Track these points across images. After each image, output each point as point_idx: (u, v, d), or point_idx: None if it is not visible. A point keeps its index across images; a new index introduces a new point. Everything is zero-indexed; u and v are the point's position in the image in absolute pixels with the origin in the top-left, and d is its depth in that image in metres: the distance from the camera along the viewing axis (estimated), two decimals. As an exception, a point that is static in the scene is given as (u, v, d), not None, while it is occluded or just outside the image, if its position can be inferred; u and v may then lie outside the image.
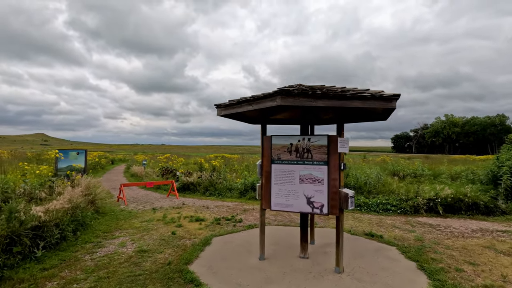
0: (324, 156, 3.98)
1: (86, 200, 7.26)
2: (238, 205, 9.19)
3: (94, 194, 7.84)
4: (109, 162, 36.10)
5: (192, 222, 6.84)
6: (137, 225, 6.61)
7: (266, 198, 4.33)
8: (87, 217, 6.45)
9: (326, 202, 3.95)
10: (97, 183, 8.19)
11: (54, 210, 4.88)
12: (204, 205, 9.19)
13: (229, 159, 25.85)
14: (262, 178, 4.37)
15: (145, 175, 17.40)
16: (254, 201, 9.83)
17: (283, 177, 4.19)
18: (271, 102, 3.32)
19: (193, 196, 11.33)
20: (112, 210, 8.36)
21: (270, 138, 4.33)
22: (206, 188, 11.69)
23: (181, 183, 12.60)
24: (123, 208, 8.73)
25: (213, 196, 11.00)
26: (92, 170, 22.57)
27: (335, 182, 3.93)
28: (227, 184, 11.65)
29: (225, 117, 4.50)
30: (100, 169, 26.67)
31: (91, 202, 7.64)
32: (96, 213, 7.57)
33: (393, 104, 3.34)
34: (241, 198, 10.43)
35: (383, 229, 6.27)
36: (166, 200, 10.40)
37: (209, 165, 13.87)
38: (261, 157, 4.39)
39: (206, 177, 12.14)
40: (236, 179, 12.84)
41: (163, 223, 6.73)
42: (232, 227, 6.40)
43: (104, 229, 6.19)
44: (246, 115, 4.90)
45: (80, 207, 6.32)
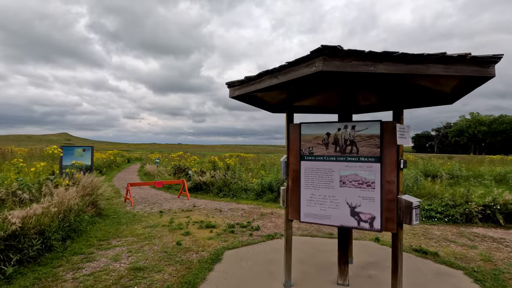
0: (376, 150, 2.88)
1: (85, 202, 6.49)
2: (255, 208, 8.19)
3: (96, 195, 7.06)
4: (125, 161, 36.13)
5: (201, 229, 5.89)
6: (139, 231, 5.73)
7: (293, 206, 3.28)
8: (83, 222, 5.64)
9: (378, 214, 2.86)
10: (99, 183, 7.42)
11: (34, 215, 4.05)
12: (217, 207, 8.25)
13: (244, 158, 24.92)
14: (288, 180, 3.33)
15: (157, 174, 16.76)
16: (273, 203, 8.79)
17: (317, 178, 3.13)
18: (307, 68, 2.27)
19: (205, 197, 10.44)
20: (116, 212, 7.57)
21: (299, 127, 3.27)
22: (219, 188, 10.77)
23: (193, 182, 11.76)
24: (128, 210, 7.94)
25: (227, 198, 10.05)
26: (106, 168, 22.29)
27: (391, 186, 2.83)
28: (242, 184, 10.69)
29: (240, 99, 3.49)
30: (115, 168, 26.47)
31: (91, 204, 6.87)
32: (98, 216, 6.79)
33: (490, 71, 2.22)
34: (257, 200, 9.42)
35: (435, 243, 5.07)
36: (176, 201, 9.55)
37: (223, 164, 12.96)
38: (287, 152, 3.35)
39: (219, 176, 11.22)
40: (252, 179, 11.84)
41: (169, 230, 5.82)
42: (248, 236, 5.39)
43: (101, 236, 5.35)
44: (265, 99, 3.87)
45: (74, 210, 5.52)
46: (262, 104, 4.04)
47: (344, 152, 3.03)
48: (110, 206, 8.58)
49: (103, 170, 20.56)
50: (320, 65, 2.14)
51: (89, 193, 7.05)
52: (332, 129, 3.09)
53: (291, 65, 2.39)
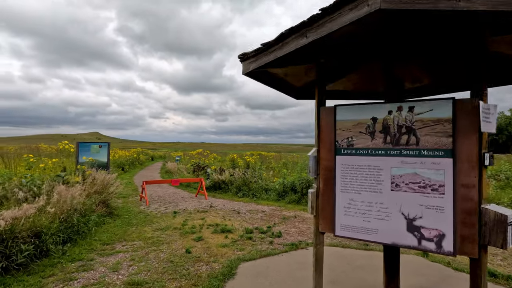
0: (446, 139, 2.04)
1: (94, 200, 6.09)
2: (276, 210, 7.44)
3: (107, 193, 6.66)
4: (149, 159, 36.74)
5: (216, 234, 5.25)
6: (148, 234, 5.20)
7: (326, 214, 2.51)
8: (89, 222, 5.20)
9: (449, 230, 2.02)
10: (111, 180, 7.03)
11: (24, 216, 3.58)
12: (235, 208, 7.60)
13: (265, 157, 24.20)
14: (318, 180, 2.55)
15: (177, 171, 16.50)
16: (296, 205, 7.99)
17: (359, 178, 2.34)
18: (353, 12, 1.49)
19: (224, 196, 9.85)
20: (129, 212, 7.16)
21: (334, 111, 2.49)
22: (239, 187, 10.14)
23: (212, 181, 11.23)
24: (142, 209, 7.51)
25: (246, 197, 9.39)
26: (129, 165, 22.50)
27: (470, 192, 1.98)
28: (262, 183, 9.98)
29: (257, 78, 2.77)
30: (139, 165, 26.81)
31: (102, 202, 6.48)
32: (109, 216, 6.39)
33: None
34: (279, 201, 8.67)
35: (502, 261, 4.06)
36: (193, 200, 9.04)
37: (243, 162, 12.33)
38: (317, 143, 2.58)
39: (239, 175, 10.59)
40: (273, 178, 11.10)
41: (180, 234, 5.24)
42: (268, 244, 4.67)
43: (106, 239, 4.86)
44: (289, 79, 3.13)
45: (79, 210, 5.09)
46: (284, 86, 3.29)
47: (397, 143, 2.21)
48: (125, 205, 8.22)
49: (125, 168, 20.72)
50: (377, 1, 1.36)
51: (99, 191, 6.67)
52: (381, 112, 2.28)
53: (329, 12, 1.62)
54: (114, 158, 20.81)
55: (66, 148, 6.47)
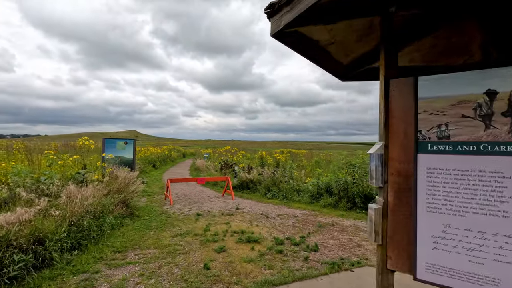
0: None
1: (113, 200, 5.68)
2: (309, 215, 6.56)
3: (127, 193, 6.25)
4: (181, 156, 37.39)
5: (241, 244, 4.53)
6: (166, 241, 4.63)
7: (399, 244, 1.64)
8: (104, 225, 4.76)
9: None
10: (132, 179, 6.62)
11: (17, 222, 3.12)
12: (264, 212, 6.85)
13: (296, 155, 23.18)
14: (385, 191, 1.68)
15: (205, 168, 16.17)
16: (332, 210, 7.04)
17: (463, 192, 1.44)
18: None
19: (251, 196, 9.15)
20: (151, 212, 6.71)
21: (414, 84, 1.60)
22: (267, 187, 9.37)
23: (239, 180, 10.59)
24: (165, 210, 7.04)
25: (276, 199, 8.60)
26: (160, 162, 22.76)
27: None
28: (294, 184, 9.11)
29: (289, 42, 1.97)
30: (170, 162, 27.19)
31: (121, 202, 6.07)
32: (129, 216, 5.96)
33: None
34: (312, 204, 7.76)
35: None
36: (219, 200, 8.44)
37: (273, 160, 11.54)
38: (383, 136, 1.70)
39: (268, 174, 9.82)
40: (306, 178, 10.18)
41: (200, 242, 4.60)
42: (303, 262, 3.84)
43: (119, 245, 4.36)
44: (332, 49, 2.28)
45: (93, 212, 4.65)
46: (327, 61, 2.44)
47: (540, 133, 1.28)
48: (148, 204, 7.84)
49: (156, 164, 20.93)
50: None
51: (120, 189, 6.29)
52: (503, 82, 1.35)
53: None
54: (146, 155, 21.10)
55: (86, 144, 6.19)
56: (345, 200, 7.13)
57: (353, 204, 6.99)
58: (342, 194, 7.30)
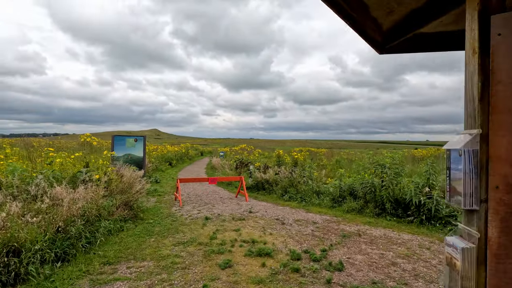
0: None
1: (114, 202, 5.21)
2: (331, 222, 5.78)
3: (130, 194, 5.77)
4: (198, 154, 37.34)
5: (250, 257, 3.86)
6: (165, 251, 4.05)
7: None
8: (98, 231, 4.26)
9: None
10: (137, 178, 6.13)
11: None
12: (279, 216, 6.15)
13: (315, 153, 22.20)
14: (481, 217, 0.94)
15: (220, 167, 15.67)
16: (357, 216, 6.20)
17: None
18: None
19: (267, 198, 8.47)
20: (157, 214, 6.21)
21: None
22: (284, 189, 8.65)
23: (254, 180, 9.94)
24: (173, 212, 6.52)
25: (293, 201, 7.86)
26: (177, 160, 22.60)
27: None
28: (313, 185, 8.32)
29: None
30: (187, 160, 27.08)
31: (124, 204, 5.59)
32: (132, 219, 5.48)
33: None
34: (334, 208, 6.95)
35: None
36: (232, 202, 7.84)
37: (290, 159, 10.78)
38: (477, 116, 0.96)
39: (285, 174, 9.09)
40: (326, 178, 9.34)
41: (204, 253, 3.98)
42: (324, 285, 3.11)
43: (112, 256, 3.83)
44: None
45: (87, 216, 4.16)
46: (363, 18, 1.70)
47: None
48: (157, 205, 7.37)
49: (173, 162, 20.75)
50: None
51: (123, 190, 5.82)
52: None
53: None
54: (163, 153, 20.98)
55: (87, 141, 5.77)
56: (372, 205, 6.27)
57: (382, 210, 6.12)
58: (368, 198, 6.44)
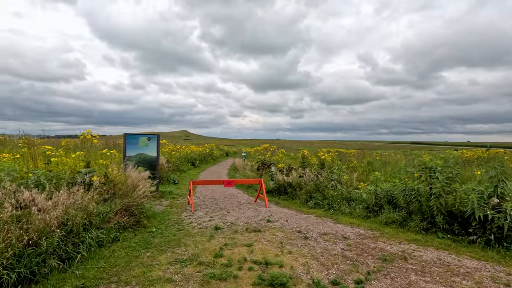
0: None
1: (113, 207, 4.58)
2: (366, 237, 4.71)
3: (131, 198, 5.13)
4: (223, 154, 37.05)
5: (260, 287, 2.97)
6: (157, 272, 3.28)
7: None
8: (83, 244, 3.61)
9: None
10: (139, 181, 5.48)
11: None
12: (302, 228, 5.18)
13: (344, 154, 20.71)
14: None
15: (242, 168, 14.91)
16: (399, 230, 5.04)
17: None
18: None
19: (289, 204, 7.51)
20: (163, 221, 5.53)
21: None
22: (309, 194, 7.62)
23: (276, 183, 9.01)
24: (181, 218, 5.81)
25: (319, 209, 6.83)
26: (200, 161, 22.26)
27: None
28: (343, 190, 7.21)
29: None
30: (211, 161, 26.76)
31: (125, 210, 4.96)
32: (132, 227, 4.84)
33: None
34: (368, 219, 5.82)
35: None
36: (249, 208, 6.98)
37: (317, 160, 9.70)
38: None
39: (310, 177, 8.05)
40: (358, 183, 8.17)
41: (202, 279, 3.15)
42: None
43: (92, 276, 3.13)
44: None
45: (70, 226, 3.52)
46: None
47: None
48: (167, 209, 6.73)
49: (196, 163, 20.42)
50: None
51: (126, 193, 5.19)
52: None
53: None
54: (187, 153, 20.71)
55: (87, 138, 5.24)
56: (418, 217, 5.08)
57: (431, 224, 4.91)
58: (412, 209, 5.25)
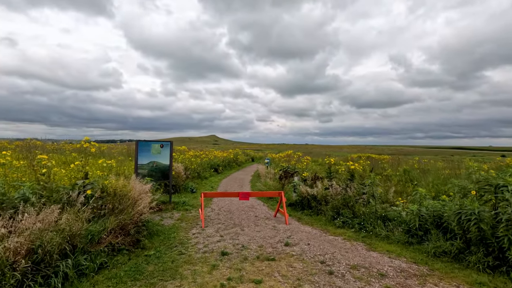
0: None
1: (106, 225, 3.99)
2: (410, 275, 3.64)
3: (127, 214, 4.51)
4: (249, 160, 36.45)
5: None
6: (133, 321, 2.57)
7: None
8: (57, 275, 3.00)
9: None
10: (140, 194, 4.87)
11: None
12: (326, 257, 4.22)
13: (376, 161, 19.05)
14: None
15: (264, 176, 14.06)
16: (455, 267, 3.89)
17: None
18: None
19: (313, 221, 6.55)
20: (166, 241, 4.87)
21: None
22: (337, 209, 6.59)
23: (298, 195, 8.07)
24: (188, 238, 5.12)
25: (348, 229, 5.79)
26: (224, 167, 21.78)
27: None
28: (377, 207, 6.10)
29: None
30: (236, 166, 26.25)
31: (121, 228, 4.35)
32: (127, 250, 4.22)
33: None
34: (411, 246, 4.70)
35: None
36: (267, 225, 6.14)
37: (345, 169, 8.59)
38: None
39: (337, 189, 7.02)
40: (396, 198, 6.97)
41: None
42: None
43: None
44: None
45: (35, 254, 2.93)
46: None
47: None
48: (176, 224, 6.08)
49: (219, 169, 19.93)
50: None
51: (124, 208, 4.61)
52: None
53: None
54: (210, 158, 20.31)
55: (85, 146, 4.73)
56: (480, 250, 3.90)
57: (500, 261, 3.73)
58: (472, 237, 4.07)
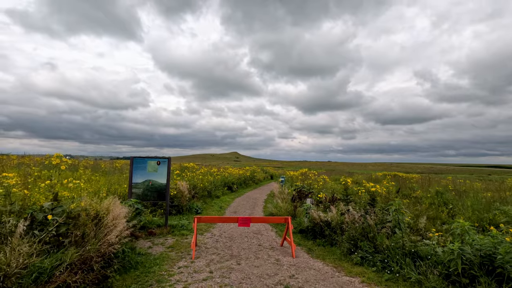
0: None
1: (64, 259, 3.27)
2: None
3: (93, 245, 3.78)
4: (268, 177, 35.38)
5: None
6: None
7: None
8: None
9: None
10: (115, 219, 4.14)
11: None
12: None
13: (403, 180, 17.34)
14: None
15: (278, 196, 13.02)
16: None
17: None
18: None
19: (325, 254, 5.49)
20: (139, 279, 4.05)
21: None
22: (354, 240, 5.48)
23: (311, 220, 7.02)
24: (170, 274, 4.29)
25: (368, 267, 4.68)
26: (239, 185, 20.91)
27: None
28: (405, 240, 4.94)
29: None
30: (253, 184, 25.33)
31: (82, 263, 3.62)
32: (91, 288, 3.45)
33: None
34: (452, 297, 3.55)
35: None
36: (270, 257, 5.17)
37: (366, 191, 7.44)
38: None
39: (355, 216, 5.92)
40: (429, 228, 5.73)
41: None
42: None
43: None
44: None
45: None
46: None
47: None
48: (164, 252, 5.28)
49: (233, 187, 19.07)
50: None
51: (91, 237, 3.89)
52: None
53: None
54: (224, 176, 19.55)
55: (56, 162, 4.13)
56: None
57: None
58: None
